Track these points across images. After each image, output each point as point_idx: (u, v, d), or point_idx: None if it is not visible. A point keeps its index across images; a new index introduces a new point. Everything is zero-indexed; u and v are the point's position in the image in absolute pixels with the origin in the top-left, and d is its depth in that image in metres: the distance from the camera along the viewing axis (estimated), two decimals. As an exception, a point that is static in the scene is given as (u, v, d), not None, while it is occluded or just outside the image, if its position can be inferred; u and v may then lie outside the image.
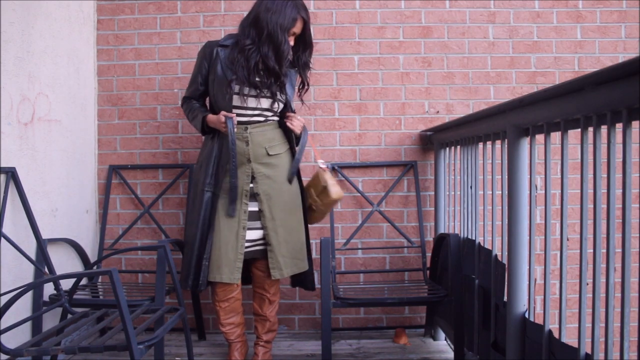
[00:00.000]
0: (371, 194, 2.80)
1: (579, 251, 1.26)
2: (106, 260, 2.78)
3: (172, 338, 2.67)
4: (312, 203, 2.29)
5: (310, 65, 2.31)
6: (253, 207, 2.19)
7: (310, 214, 2.33)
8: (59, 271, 2.22)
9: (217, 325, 2.33)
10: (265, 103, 2.19)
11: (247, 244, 2.19)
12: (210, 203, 2.17)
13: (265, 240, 2.20)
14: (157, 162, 2.83)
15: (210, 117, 2.19)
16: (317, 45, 2.79)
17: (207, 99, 2.31)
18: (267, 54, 2.11)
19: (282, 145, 2.25)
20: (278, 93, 2.18)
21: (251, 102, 2.17)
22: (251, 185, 2.18)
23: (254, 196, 2.18)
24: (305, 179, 2.41)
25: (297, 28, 2.15)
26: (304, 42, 2.22)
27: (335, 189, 2.22)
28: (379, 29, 2.82)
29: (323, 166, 2.25)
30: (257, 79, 2.14)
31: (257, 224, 2.19)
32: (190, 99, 2.29)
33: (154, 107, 2.84)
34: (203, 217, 2.16)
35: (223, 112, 2.13)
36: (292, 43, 2.17)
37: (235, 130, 2.13)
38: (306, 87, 2.33)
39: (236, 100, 2.15)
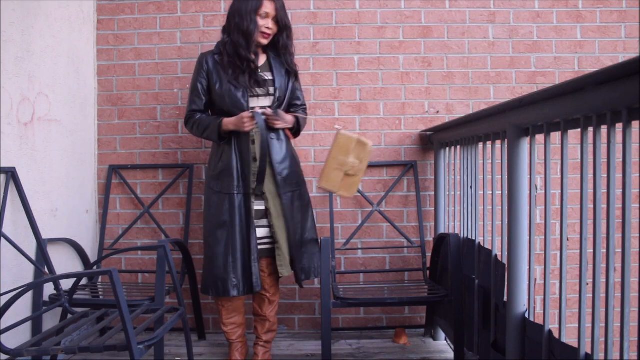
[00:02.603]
0: (371, 194, 2.80)
1: (579, 251, 1.26)
2: (106, 260, 2.78)
3: (172, 338, 2.67)
4: (346, 169, 2.13)
5: (292, 50, 2.28)
6: (259, 205, 2.20)
7: (348, 181, 2.15)
8: (59, 271, 2.22)
9: (219, 325, 2.33)
10: (264, 101, 2.22)
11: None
12: (244, 204, 2.17)
13: (272, 238, 2.21)
14: (157, 162, 2.83)
15: (227, 120, 2.17)
16: (317, 45, 2.80)
17: (211, 109, 2.31)
18: (239, 42, 2.15)
19: None
20: (269, 87, 2.21)
21: (252, 102, 2.21)
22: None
23: (259, 195, 2.20)
24: (309, 179, 2.40)
25: (268, 8, 2.16)
26: (279, 24, 2.21)
27: (366, 139, 2.12)
28: (379, 29, 2.82)
29: (340, 127, 2.16)
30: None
31: (264, 221, 2.21)
32: (194, 112, 2.26)
33: (154, 107, 2.84)
34: (240, 220, 2.16)
35: (244, 113, 2.13)
36: (270, 25, 2.17)
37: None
38: (293, 75, 2.29)
39: (242, 102, 2.18)
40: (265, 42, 2.21)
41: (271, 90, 2.22)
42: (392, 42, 2.82)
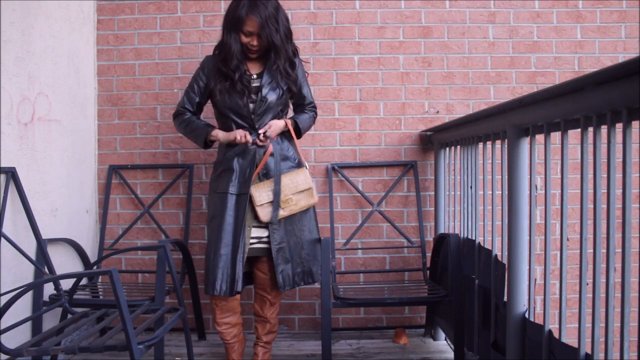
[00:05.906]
0: (371, 194, 2.80)
1: (579, 251, 1.26)
2: (106, 260, 2.78)
3: (172, 338, 2.67)
4: (284, 201, 2.16)
5: (285, 69, 2.19)
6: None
7: (267, 209, 2.16)
8: (59, 271, 2.22)
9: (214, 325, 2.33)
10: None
11: (252, 241, 2.19)
12: (237, 204, 2.16)
13: (269, 239, 2.20)
14: (157, 162, 2.83)
15: (219, 133, 2.21)
16: (317, 45, 2.80)
17: (202, 112, 2.34)
18: (223, 53, 2.17)
19: None
20: (261, 92, 2.18)
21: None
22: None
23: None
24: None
25: (250, 26, 2.11)
26: (268, 46, 2.15)
27: (316, 196, 2.26)
28: (379, 29, 2.82)
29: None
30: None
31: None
32: (185, 111, 2.27)
33: (154, 107, 2.84)
34: (231, 219, 2.15)
35: (240, 132, 2.14)
36: (255, 43, 2.13)
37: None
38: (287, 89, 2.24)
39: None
40: (254, 56, 2.19)
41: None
42: (392, 42, 2.82)
